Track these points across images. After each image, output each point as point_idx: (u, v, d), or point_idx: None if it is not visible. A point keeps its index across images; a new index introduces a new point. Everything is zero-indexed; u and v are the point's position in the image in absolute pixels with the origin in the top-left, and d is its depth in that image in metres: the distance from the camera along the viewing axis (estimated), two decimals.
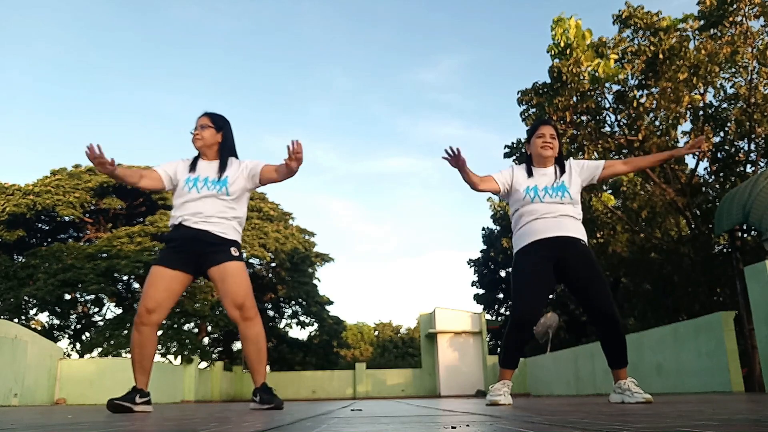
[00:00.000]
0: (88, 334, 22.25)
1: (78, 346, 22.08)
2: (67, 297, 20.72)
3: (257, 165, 3.44)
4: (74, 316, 22.67)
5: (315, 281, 27.08)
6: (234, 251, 3.36)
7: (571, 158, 3.60)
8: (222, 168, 3.40)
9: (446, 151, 3.22)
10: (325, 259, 27.27)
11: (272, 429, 1.53)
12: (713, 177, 14.62)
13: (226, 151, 3.47)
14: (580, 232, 3.38)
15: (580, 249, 3.31)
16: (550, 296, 3.58)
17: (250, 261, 24.20)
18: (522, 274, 3.35)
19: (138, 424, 1.86)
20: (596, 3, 39.24)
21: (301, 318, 27.45)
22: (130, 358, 3.31)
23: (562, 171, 3.46)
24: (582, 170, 3.50)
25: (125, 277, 21.52)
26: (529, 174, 3.47)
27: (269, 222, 24.44)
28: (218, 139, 3.46)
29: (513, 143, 15.06)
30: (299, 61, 54.51)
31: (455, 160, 3.24)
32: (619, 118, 13.76)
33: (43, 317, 21.88)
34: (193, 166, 3.43)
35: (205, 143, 3.43)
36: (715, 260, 14.20)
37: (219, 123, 3.48)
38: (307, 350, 28.95)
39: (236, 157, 3.54)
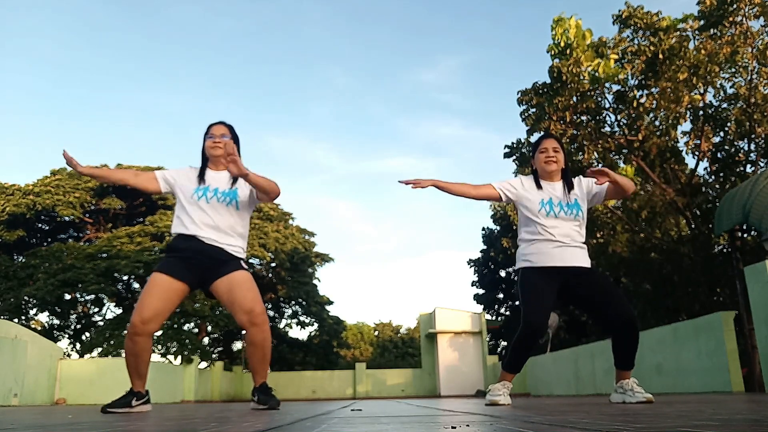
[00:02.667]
0: (88, 334, 22.26)
1: (78, 346, 22.09)
2: (67, 297, 20.72)
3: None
4: (74, 316, 22.68)
5: (315, 281, 27.10)
6: (243, 264, 3.38)
7: (581, 177, 3.56)
8: (234, 180, 3.39)
9: (402, 182, 3.28)
10: (325, 259, 27.29)
11: (272, 429, 1.53)
12: (713, 177, 14.62)
13: None
14: (586, 260, 3.40)
15: (586, 273, 3.36)
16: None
17: (250, 261, 24.20)
18: (531, 286, 3.34)
19: (138, 424, 1.86)
20: (596, 3, 39.28)
21: (301, 318, 27.48)
22: (125, 364, 3.27)
23: (571, 187, 3.44)
24: (589, 193, 3.48)
25: (125, 277, 21.52)
26: (538, 186, 3.44)
27: (269, 222, 24.44)
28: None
29: (513, 143, 15.07)
30: (299, 61, 54.56)
31: (415, 185, 3.27)
32: (619, 118, 13.76)
33: (43, 317, 21.92)
34: (201, 176, 3.40)
35: (226, 151, 3.39)
36: (715, 260, 14.19)
37: (236, 136, 3.49)
38: (307, 350, 28.96)
39: None
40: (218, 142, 3.39)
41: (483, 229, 26.45)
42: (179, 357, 18.55)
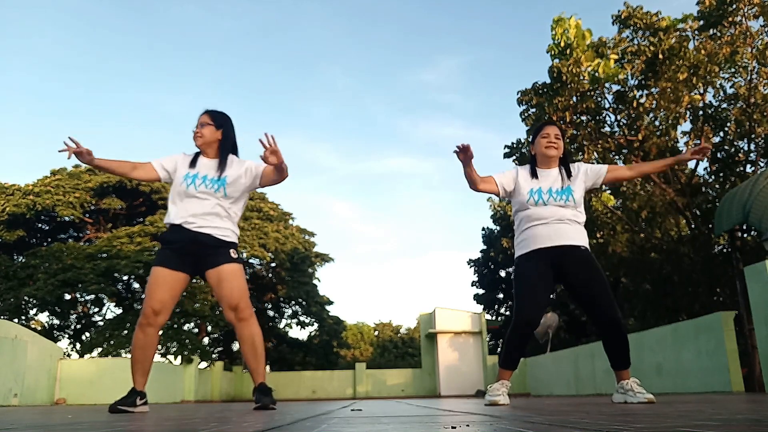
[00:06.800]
0: (88, 334, 22.24)
1: (78, 346, 22.07)
2: (67, 297, 20.71)
3: (259, 166, 3.42)
4: (74, 316, 22.66)
5: (315, 281, 27.10)
6: (233, 253, 3.38)
7: (579, 162, 3.62)
8: (222, 167, 3.39)
9: (458, 146, 3.27)
10: (325, 259, 27.28)
11: (272, 429, 1.53)
12: (713, 177, 14.62)
13: (226, 149, 3.46)
14: (580, 238, 3.39)
15: (579, 256, 3.33)
16: (551, 297, 3.58)
17: (250, 261, 24.19)
18: (525, 278, 3.36)
19: (138, 424, 1.87)
20: (596, 3, 39.24)
21: (301, 318, 27.48)
22: (131, 359, 3.30)
23: (569, 174, 3.47)
24: (587, 175, 3.51)
25: (125, 277, 21.50)
26: (534, 175, 3.47)
27: (269, 222, 24.44)
28: (218, 136, 3.44)
29: (513, 143, 15.06)
30: (300, 61, 54.54)
31: (464, 153, 3.27)
32: (619, 118, 13.77)
33: (43, 317, 21.89)
34: (193, 162, 3.42)
35: (205, 141, 3.42)
36: (715, 260, 14.19)
37: (219, 120, 3.47)
38: (307, 350, 28.96)
39: (237, 155, 3.53)
40: (197, 132, 3.42)
41: (483, 229, 26.50)
42: (179, 357, 18.54)
